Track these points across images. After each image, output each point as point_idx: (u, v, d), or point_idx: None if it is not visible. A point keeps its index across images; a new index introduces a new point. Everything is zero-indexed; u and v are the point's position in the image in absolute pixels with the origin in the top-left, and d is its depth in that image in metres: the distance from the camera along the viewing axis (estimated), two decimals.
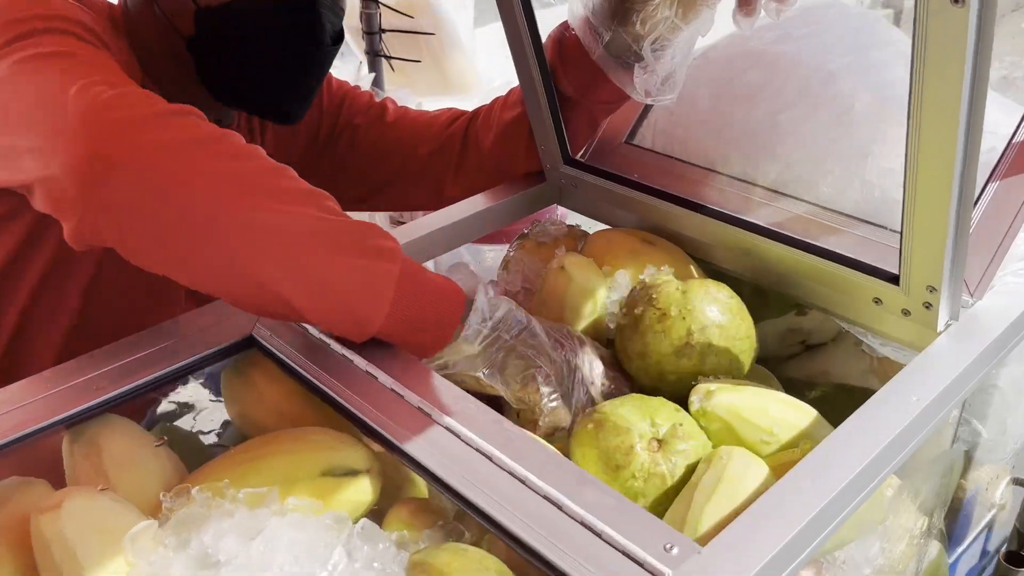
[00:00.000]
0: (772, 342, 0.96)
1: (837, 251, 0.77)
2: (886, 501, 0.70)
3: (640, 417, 0.68)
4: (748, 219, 0.84)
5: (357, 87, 1.15)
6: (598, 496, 0.57)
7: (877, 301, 0.74)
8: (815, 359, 0.97)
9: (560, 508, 0.57)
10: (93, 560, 0.59)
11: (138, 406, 0.77)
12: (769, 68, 0.92)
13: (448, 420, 0.64)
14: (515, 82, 0.98)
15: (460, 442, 0.63)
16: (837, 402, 0.93)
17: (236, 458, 0.68)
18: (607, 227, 1.00)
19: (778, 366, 0.97)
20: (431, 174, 1.08)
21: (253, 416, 0.76)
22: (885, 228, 0.78)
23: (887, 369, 0.91)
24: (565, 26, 0.93)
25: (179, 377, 0.75)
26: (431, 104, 1.71)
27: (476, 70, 1.70)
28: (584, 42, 0.90)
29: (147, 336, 0.76)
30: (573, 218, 1.08)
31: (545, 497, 0.58)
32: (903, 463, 0.65)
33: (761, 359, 0.97)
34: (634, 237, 0.92)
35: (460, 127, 1.07)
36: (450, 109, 1.13)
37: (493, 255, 1.39)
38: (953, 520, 0.96)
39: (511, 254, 0.97)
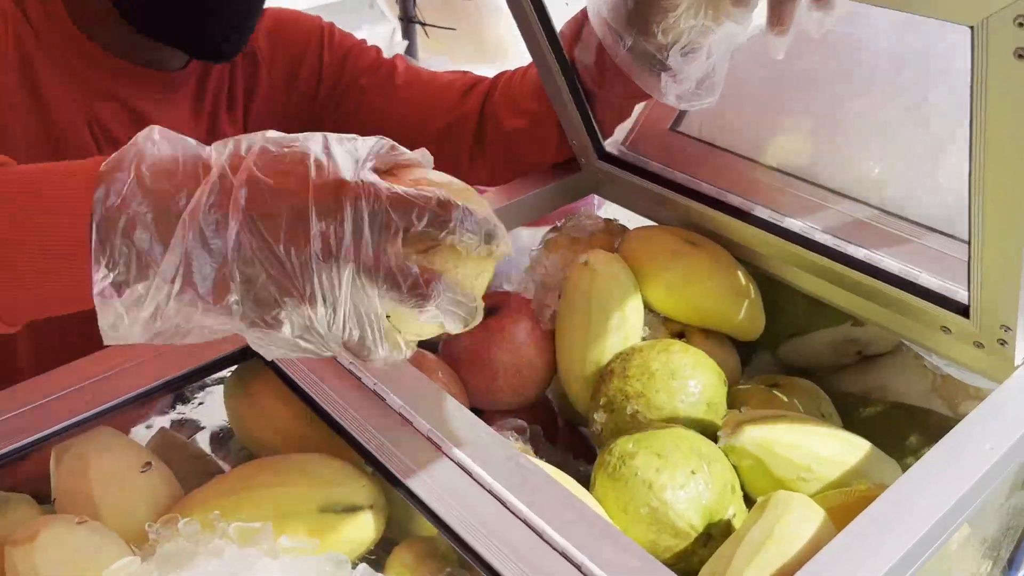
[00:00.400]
0: (825, 352, 0.88)
1: (901, 275, 0.68)
2: (953, 550, 0.63)
3: (700, 515, 0.63)
4: (802, 224, 0.76)
5: (363, 41, 1.05)
6: (622, 556, 0.51)
7: (945, 330, 0.66)
8: (872, 372, 0.88)
9: (579, 568, 0.50)
10: None
11: (133, 417, 0.72)
12: (832, 50, 0.83)
13: (458, 453, 0.58)
14: None
15: (470, 480, 0.57)
16: (894, 422, 0.85)
17: (230, 485, 0.62)
18: (648, 222, 0.92)
19: (831, 377, 0.89)
20: (444, 153, 0.97)
21: (254, 432, 0.71)
22: (959, 239, 0.70)
23: (952, 388, 0.83)
24: (583, 17, 0.83)
25: (178, 385, 0.70)
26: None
27: (515, 37, 1.61)
28: (604, 44, 0.79)
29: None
30: (613, 209, 1.00)
31: (562, 554, 0.51)
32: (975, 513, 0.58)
33: (813, 370, 0.90)
34: (676, 236, 0.84)
35: (476, 102, 0.97)
36: (465, 74, 1.02)
37: (530, 234, 1.32)
38: (1016, 548, 0.88)
39: (538, 251, 0.90)
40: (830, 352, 0.88)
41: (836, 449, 0.67)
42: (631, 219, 0.96)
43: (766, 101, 0.86)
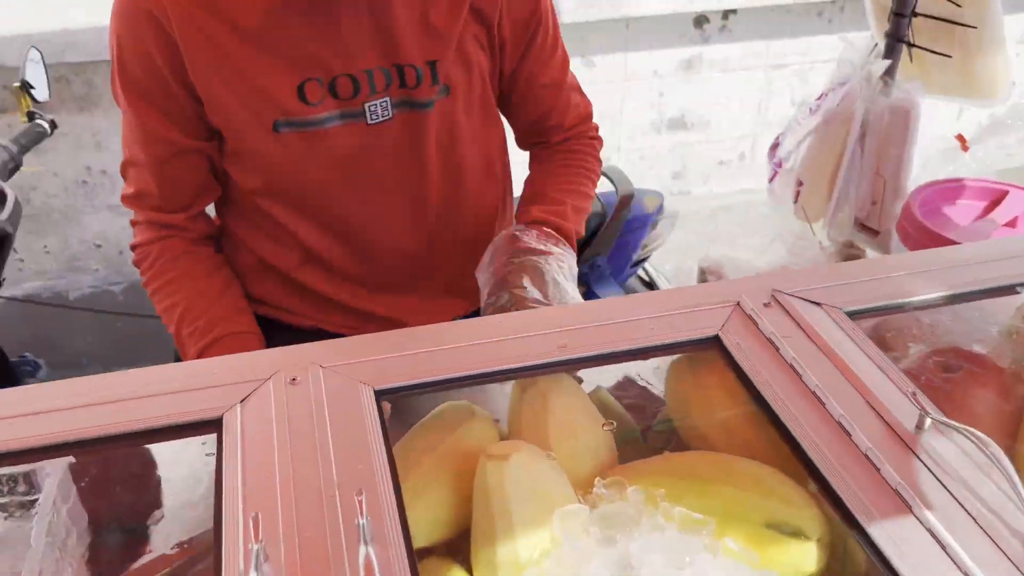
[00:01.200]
0: None
1: None
2: None
3: None
4: None
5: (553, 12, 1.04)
6: None
7: None
8: None
9: None
10: (524, 521, 0.59)
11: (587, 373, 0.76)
12: None
13: (931, 518, 0.54)
14: None
15: (939, 550, 0.52)
16: None
17: (676, 470, 0.64)
18: None
19: None
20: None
21: (694, 421, 0.72)
22: None
23: None
24: None
25: (642, 356, 0.72)
26: (935, 104, 1.46)
27: (1010, 75, 1.45)
28: None
29: (624, 304, 0.74)
30: None
31: None
32: None
33: None
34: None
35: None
36: (581, 114, 1.13)
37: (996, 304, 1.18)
38: None
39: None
40: None
41: None
42: None
43: None
